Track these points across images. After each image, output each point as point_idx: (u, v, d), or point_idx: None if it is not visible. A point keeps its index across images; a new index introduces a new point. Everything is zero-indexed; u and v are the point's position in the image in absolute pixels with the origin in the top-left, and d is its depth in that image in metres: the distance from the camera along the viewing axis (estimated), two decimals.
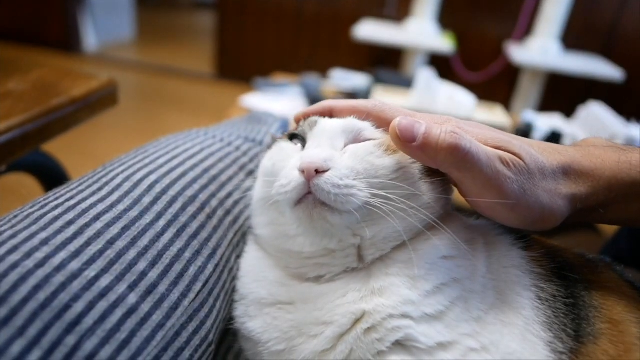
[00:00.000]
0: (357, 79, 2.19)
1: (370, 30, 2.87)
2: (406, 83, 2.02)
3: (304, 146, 0.48)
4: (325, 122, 0.48)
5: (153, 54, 4.42)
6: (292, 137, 0.50)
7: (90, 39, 4.22)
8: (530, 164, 0.42)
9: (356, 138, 0.47)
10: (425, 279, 0.42)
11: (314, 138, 0.47)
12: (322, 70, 2.82)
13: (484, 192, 0.42)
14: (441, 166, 0.42)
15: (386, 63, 3.35)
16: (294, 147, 0.48)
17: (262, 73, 3.14)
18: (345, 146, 0.46)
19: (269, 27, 3.69)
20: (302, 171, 0.41)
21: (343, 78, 2.20)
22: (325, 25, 3.56)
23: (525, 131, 1.77)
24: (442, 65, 2.98)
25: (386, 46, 2.93)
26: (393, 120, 0.41)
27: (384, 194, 0.42)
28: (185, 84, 3.86)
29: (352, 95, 2.04)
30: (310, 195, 0.42)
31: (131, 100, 3.37)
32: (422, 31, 2.91)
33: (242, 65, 3.86)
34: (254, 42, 3.77)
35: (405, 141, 0.40)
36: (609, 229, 1.98)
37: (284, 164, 0.46)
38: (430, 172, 0.46)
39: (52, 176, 0.76)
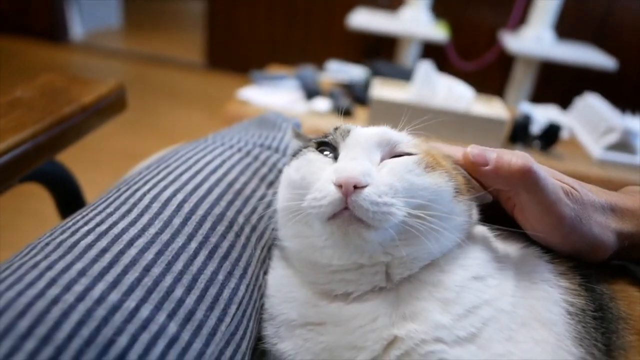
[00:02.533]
0: (354, 71, 2.18)
1: (365, 19, 2.85)
2: (404, 75, 2.01)
3: (335, 157, 0.46)
4: (359, 132, 0.46)
5: (141, 42, 4.35)
6: (320, 144, 0.49)
7: (77, 27, 4.14)
8: (584, 196, 0.45)
9: (392, 150, 0.46)
10: (457, 302, 0.42)
11: (348, 148, 0.45)
12: (315, 59, 2.80)
13: (544, 216, 0.44)
14: (513, 186, 0.45)
15: (380, 53, 3.33)
16: (324, 158, 0.47)
17: (253, 62, 3.11)
18: (381, 159, 0.45)
19: (261, 15, 3.64)
20: (340, 186, 0.40)
21: (340, 70, 2.18)
22: (318, 14, 3.52)
23: (523, 123, 1.77)
24: (436, 55, 2.96)
25: (380, 35, 2.91)
26: (466, 149, 0.46)
27: (421, 214, 0.41)
28: (175, 73, 3.81)
29: (349, 87, 2.03)
30: (346, 211, 0.40)
31: None
32: (416, 20, 2.89)
33: (233, 54, 3.81)
34: (245, 30, 3.71)
35: (479, 165, 0.45)
36: None
37: (316, 176, 0.44)
38: (462, 191, 0.46)
39: (62, 184, 0.75)
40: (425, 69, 1.77)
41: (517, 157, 0.43)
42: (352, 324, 0.43)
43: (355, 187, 0.39)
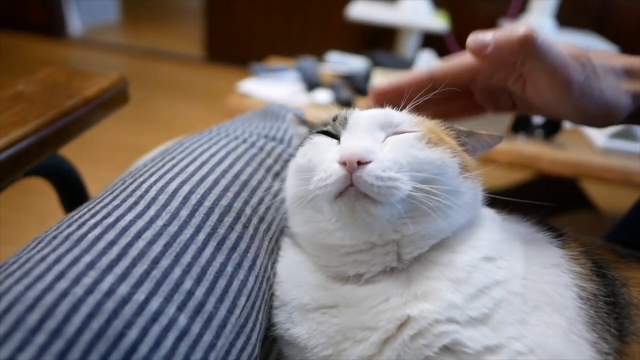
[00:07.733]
0: (354, 62, 2.16)
1: (364, 10, 2.83)
2: (405, 65, 2.00)
3: (339, 142, 0.47)
4: (360, 114, 0.47)
5: (140, 37, 4.32)
6: (324, 133, 0.49)
7: (75, 22, 4.11)
8: (594, 59, 0.47)
9: (394, 130, 0.46)
10: (468, 282, 0.42)
11: (351, 130, 0.46)
12: (315, 51, 2.78)
13: (552, 81, 0.47)
14: (517, 57, 0.48)
15: (379, 43, 3.31)
16: (329, 140, 0.47)
17: (252, 55, 3.09)
18: (385, 138, 0.45)
19: (259, 7, 3.61)
20: (344, 163, 0.40)
21: (340, 61, 2.17)
22: (317, 4, 3.49)
23: (526, 113, 1.76)
24: (436, 45, 2.94)
25: (380, 26, 2.88)
26: (467, 40, 0.48)
27: (428, 188, 0.41)
28: (174, 67, 3.79)
29: (350, 78, 2.02)
30: (352, 188, 0.41)
31: None
32: (416, 10, 2.87)
33: (232, 47, 3.79)
34: (244, 23, 3.69)
35: (480, 50, 0.48)
36: (610, 210, 1.99)
37: (321, 158, 0.45)
38: (468, 167, 0.46)
39: (66, 179, 0.74)
40: (427, 59, 1.76)
41: (516, 28, 0.45)
42: (364, 304, 0.43)
43: (360, 163, 0.40)
